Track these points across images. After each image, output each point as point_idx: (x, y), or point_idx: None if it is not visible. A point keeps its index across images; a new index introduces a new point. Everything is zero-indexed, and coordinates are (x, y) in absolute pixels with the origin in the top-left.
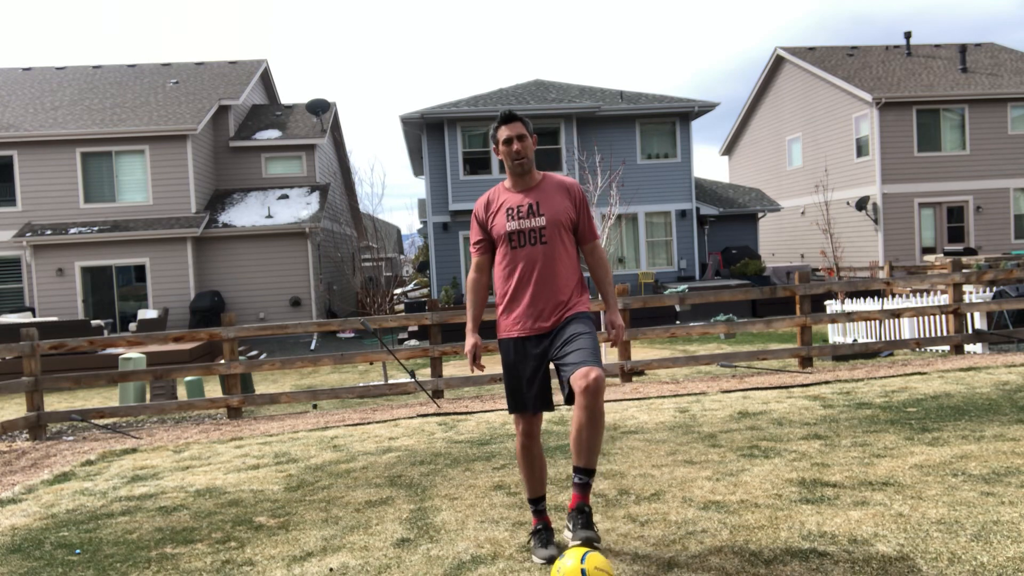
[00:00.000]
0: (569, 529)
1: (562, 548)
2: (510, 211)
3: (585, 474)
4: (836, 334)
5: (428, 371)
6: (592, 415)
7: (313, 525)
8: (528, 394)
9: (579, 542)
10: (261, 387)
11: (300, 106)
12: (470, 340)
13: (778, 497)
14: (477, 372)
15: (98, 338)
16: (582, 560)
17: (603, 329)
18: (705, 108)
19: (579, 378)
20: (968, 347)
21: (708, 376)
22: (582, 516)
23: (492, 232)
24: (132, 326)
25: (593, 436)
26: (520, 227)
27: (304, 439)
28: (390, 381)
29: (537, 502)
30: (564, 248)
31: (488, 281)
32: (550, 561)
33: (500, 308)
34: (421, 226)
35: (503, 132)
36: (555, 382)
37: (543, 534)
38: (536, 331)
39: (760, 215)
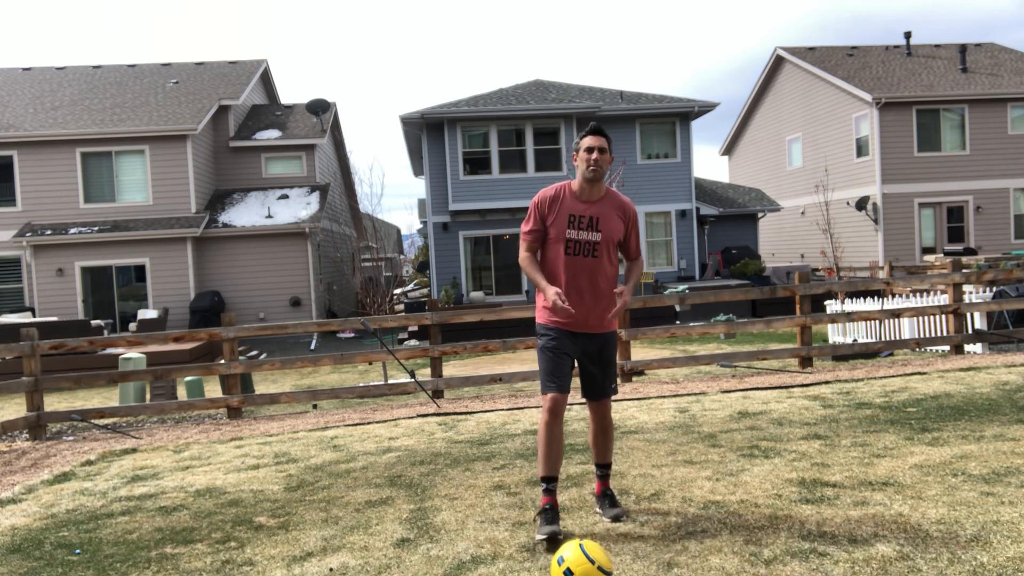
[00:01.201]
0: (600, 512)
1: (567, 537)
2: (572, 218)
3: (605, 468)
4: (836, 334)
5: (428, 371)
6: (603, 427)
7: (313, 525)
8: (564, 374)
9: (608, 519)
10: (261, 387)
11: (300, 106)
12: (551, 288)
13: (778, 497)
14: (570, 309)
15: (98, 338)
16: (580, 547)
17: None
18: (705, 108)
19: (595, 407)
20: (968, 347)
21: (708, 376)
22: (607, 498)
23: (550, 229)
24: (132, 326)
25: (607, 441)
26: (578, 237)
27: (304, 439)
28: (390, 381)
29: (549, 481)
30: (610, 262)
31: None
32: (552, 537)
33: (540, 296)
34: (421, 226)
35: (589, 141)
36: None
37: (549, 514)
38: (575, 329)
39: (760, 215)
